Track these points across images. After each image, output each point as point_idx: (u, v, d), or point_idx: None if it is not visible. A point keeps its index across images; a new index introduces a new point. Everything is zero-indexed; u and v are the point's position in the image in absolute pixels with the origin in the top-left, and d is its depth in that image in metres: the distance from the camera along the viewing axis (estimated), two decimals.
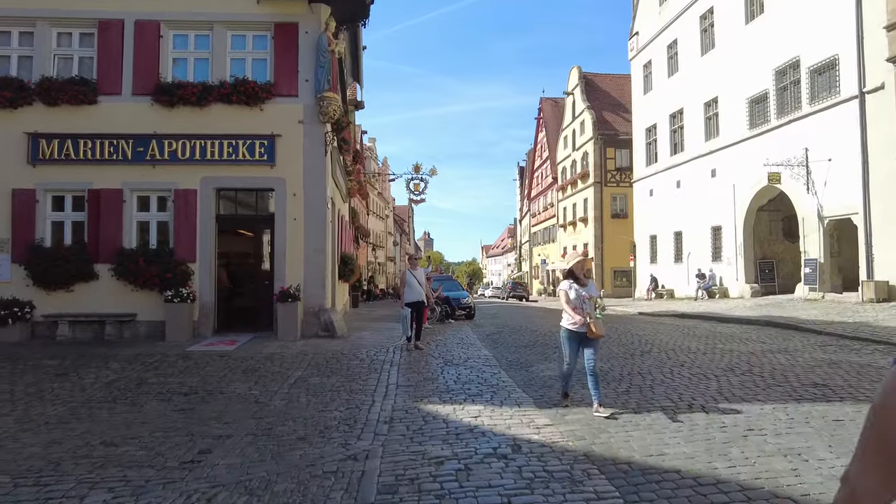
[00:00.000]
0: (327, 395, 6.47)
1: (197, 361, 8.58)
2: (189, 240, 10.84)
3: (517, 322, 15.89)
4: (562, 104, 46.82)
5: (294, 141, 10.93)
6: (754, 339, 10.23)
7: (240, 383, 7.21)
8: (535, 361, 8.38)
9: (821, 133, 17.60)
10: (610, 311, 21.64)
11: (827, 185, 17.49)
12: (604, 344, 9.97)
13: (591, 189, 38.46)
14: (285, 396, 6.49)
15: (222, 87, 10.84)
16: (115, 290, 10.57)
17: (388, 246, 59.85)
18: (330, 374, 7.59)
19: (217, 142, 10.88)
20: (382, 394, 6.42)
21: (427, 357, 8.99)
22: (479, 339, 11.41)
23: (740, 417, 4.99)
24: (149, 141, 10.76)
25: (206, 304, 10.85)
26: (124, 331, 10.59)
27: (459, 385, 6.78)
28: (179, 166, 10.85)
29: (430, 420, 5.29)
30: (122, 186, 10.75)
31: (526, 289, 45.71)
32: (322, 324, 10.65)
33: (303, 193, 10.85)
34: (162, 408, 6.10)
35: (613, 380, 6.80)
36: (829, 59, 17.23)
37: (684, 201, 25.91)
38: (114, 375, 7.63)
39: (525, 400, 5.95)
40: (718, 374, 6.91)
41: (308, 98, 10.99)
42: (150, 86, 10.78)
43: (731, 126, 22.35)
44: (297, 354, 8.93)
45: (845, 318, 12.63)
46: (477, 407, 5.71)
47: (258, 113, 10.98)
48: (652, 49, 29.35)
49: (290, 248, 10.82)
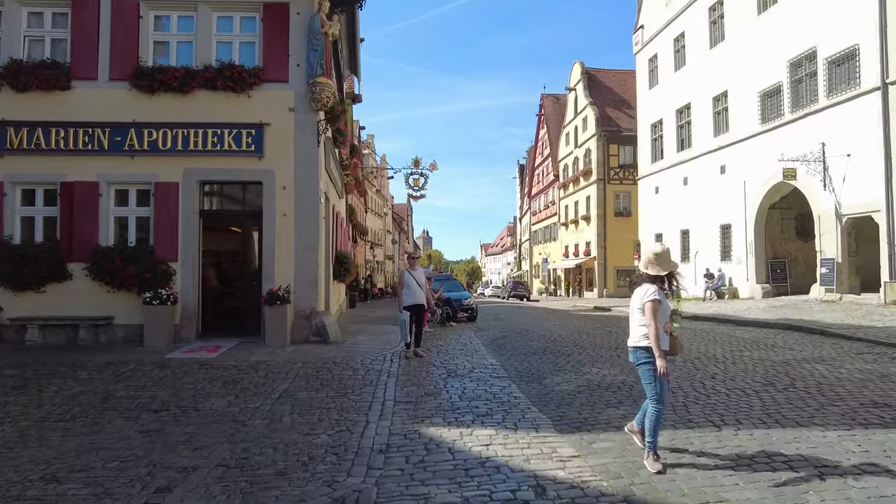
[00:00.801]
0: (315, 413, 5.68)
1: (174, 371, 7.79)
2: (171, 237, 10.03)
3: (522, 325, 15.11)
4: (563, 100, 46.04)
5: (284, 130, 10.12)
6: (781, 346, 9.46)
7: (218, 398, 6.42)
8: (547, 372, 7.59)
9: (839, 127, 16.82)
10: (616, 313, 20.91)
11: (845, 182, 16.72)
12: (620, 353, 9.20)
13: (593, 186, 37.68)
14: (267, 415, 5.70)
15: (207, 71, 10.02)
16: (91, 291, 9.76)
17: (387, 244, 59.05)
18: (320, 386, 6.80)
19: (201, 131, 10.06)
20: (378, 412, 5.63)
21: (428, 366, 8.20)
22: (483, 344, 10.62)
23: (803, 448, 4.20)
24: (127, 130, 9.94)
25: (189, 307, 10.05)
26: (100, 335, 9.78)
27: (465, 402, 5.99)
28: (160, 157, 10.03)
29: (433, 449, 4.50)
30: (97, 179, 9.93)
31: (527, 288, 44.97)
32: (314, 328, 9.85)
33: (293, 187, 10.04)
34: (126, 428, 5.32)
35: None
36: (849, 50, 16.44)
37: (692, 199, 25.13)
38: (78, 388, 6.84)
39: (542, 422, 5.16)
40: (758, 388, 6.13)
41: (299, 84, 10.17)
42: (129, 70, 9.96)
43: (741, 121, 21.56)
44: (285, 363, 8.13)
45: (872, 321, 11.85)
46: (487, 431, 4.92)
47: (245, 100, 10.16)
48: (658, 42, 28.55)
49: (279, 245, 10.02)
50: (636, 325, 4.09)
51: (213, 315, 12.03)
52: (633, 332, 4.15)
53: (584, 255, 38.90)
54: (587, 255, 38.53)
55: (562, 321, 16.39)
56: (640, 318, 4.05)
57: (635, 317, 4.11)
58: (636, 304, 4.12)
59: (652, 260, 4.08)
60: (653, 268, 4.07)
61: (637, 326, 4.08)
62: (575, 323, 15.59)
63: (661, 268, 4.05)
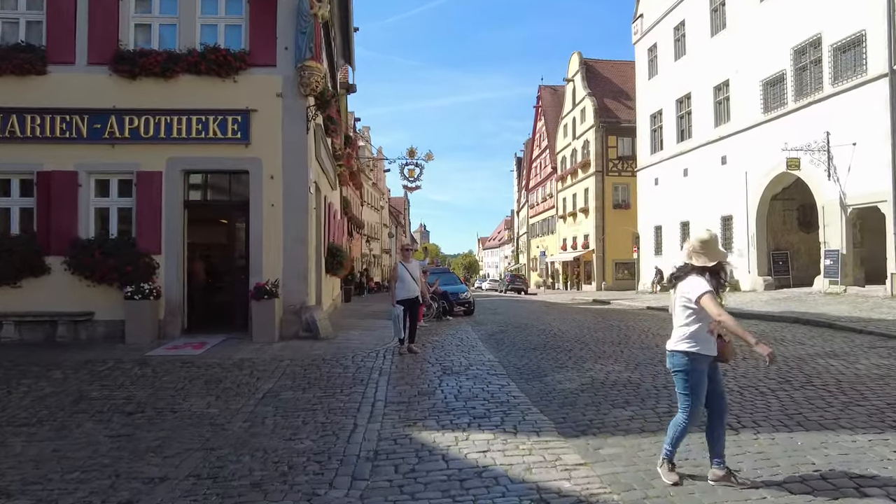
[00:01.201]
0: (300, 415, 5.28)
1: (155, 369, 7.38)
2: (154, 229, 9.60)
3: (520, 319, 14.72)
4: (561, 92, 45.51)
5: (272, 116, 9.67)
6: (790, 340, 9.09)
7: (198, 398, 6.03)
8: (548, 369, 7.20)
9: (844, 115, 16.43)
10: (616, 306, 20.56)
11: (851, 171, 16.34)
12: (623, 349, 8.83)
13: (592, 178, 37.26)
14: (249, 417, 5.31)
15: (190, 55, 9.56)
16: (70, 285, 9.33)
17: (384, 238, 58.56)
18: (307, 386, 6.40)
19: (185, 118, 9.61)
20: (367, 414, 5.23)
21: (422, 363, 7.80)
22: (480, 339, 10.23)
23: (833, 455, 3.82)
24: (107, 117, 9.48)
25: (173, 301, 9.63)
26: (80, 331, 9.36)
27: (461, 402, 5.60)
28: (142, 145, 9.59)
29: (425, 456, 4.11)
30: (76, 168, 9.48)
31: (524, 281, 44.60)
32: (303, 323, 9.45)
33: (281, 175, 9.61)
34: (95, 433, 4.91)
35: (649, 396, 5.62)
36: (855, 36, 16.02)
37: (692, 190, 24.74)
38: (50, 388, 6.42)
39: (544, 424, 4.77)
40: (773, 386, 5.75)
41: (287, 68, 9.72)
42: (108, 54, 9.48)
43: (743, 110, 21.15)
44: (272, 360, 7.73)
45: (881, 314, 11.51)
46: (485, 435, 4.53)
47: (231, 85, 9.71)
48: (657, 31, 28.07)
49: (267, 237, 9.59)
50: (678, 323, 3.50)
51: (202, 310, 11.64)
52: (675, 331, 3.52)
53: (583, 248, 38.54)
54: (585, 247, 38.16)
55: (561, 315, 16.02)
56: (683, 317, 3.45)
57: (677, 313, 3.50)
58: (679, 300, 3.49)
59: (697, 249, 3.47)
60: (698, 258, 3.47)
61: (678, 327, 3.48)
62: (574, 316, 15.22)
63: (707, 258, 3.44)
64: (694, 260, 3.49)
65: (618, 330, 11.25)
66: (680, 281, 3.55)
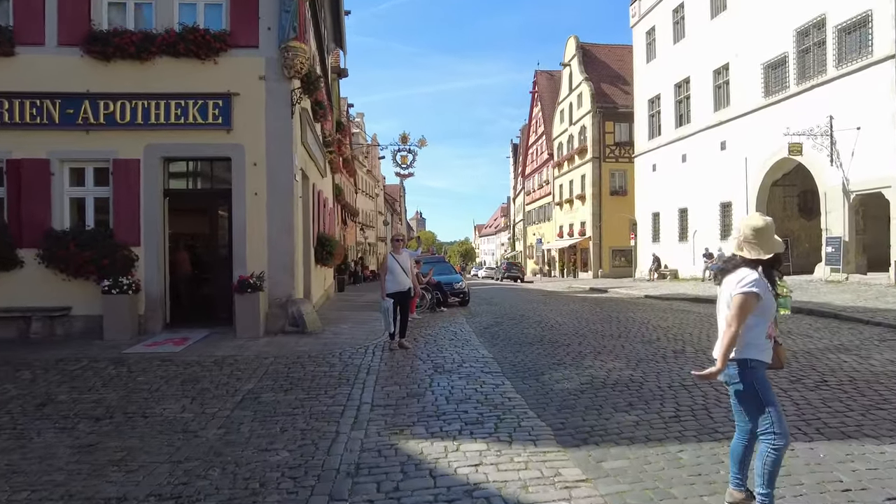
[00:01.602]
0: (278, 421, 4.90)
1: (131, 368, 6.99)
2: (132, 219, 9.15)
3: (517, 309, 14.36)
4: (558, 77, 44.87)
5: (254, 100, 9.19)
6: (797, 332, 8.76)
7: (173, 401, 5.64)
8: (545, 366, 6.83)
9: (848, 99, 16.02)
10: (613, 294, 20.22)
11: (854, 157, 15.97)
12: (624, 343, 8.48)
13: (588, 165, 36.80)
14: (224, 423, 4.93)
15: (168, 35, 9.04)
16: (44, 279, 8.89)
17: (379, 226, 58.07)
18: (289, 386, 6.02)
19: (163, 102, 9.11)
20: (351, 419, 4.86)
21: (413, 360, 7.43)
22: (475, 332, 9.86)
23: (861, 470, 3.46)
24: (80, 101, 8.98)
25: (154, 295, 9.21)
26: (56, 327, 8.94)
27: (453, 405, 5.22)
28: (118, 131, 9.10)
29: (410, 471, 3.74)
30: (48, 156, 9.00)
31: (521, 269, 44.25)
32: (290, 317, 9.05)
33: (265, 163, 9.16)
34: (56, 443, 4.53)
35: (653, 397, 5.25)
36: (861, 16, 15.56)
37: (690, 176, 24.37)
38: (16, 391, 6.03)
39: (542, 432, 4.40)
40: (785, 386, 5.39)
41: (271, 49, 9.22)
42: (80, 34, 8.96)
43: (743, 94, 20.71)
44: (255, 358, 7.34)
45: (887, 304, 11.20)
46: (477, 445, 4.16)
47: (211, 67, 9.21)
48: (656, 14, 27.51)
49: (251, 227, 9.16)
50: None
51: (189, 303, 11.22)
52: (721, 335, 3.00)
53: (579, 235, 38.18)
54: (582, 235, 37.80)
55: (558, 304, 15.67)
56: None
57: (724, 315, 2.93)
58: (726, 296, 2.91)
59: (749, 238, 2.87)
60: (751, 249, 2.86)
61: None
62: (572, 306, 14.87)
63: (762, 249, 2.84)
64: (745, 251, 2.89)
65: (617, 322, 10.89)
66: (728, 275, 2.95)
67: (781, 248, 2.91)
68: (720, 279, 3.02)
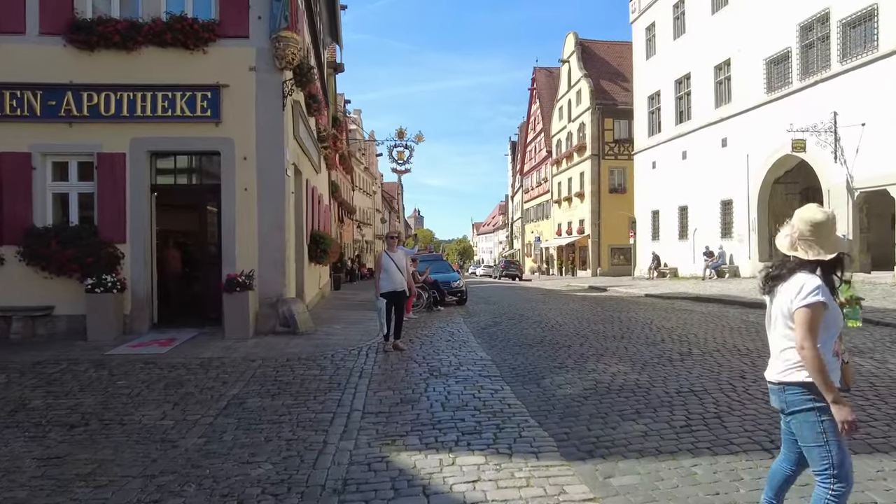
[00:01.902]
0: (263, 429, 4.60)
1: (112, 371, 6.67)
2: (118, 215, 8.82)
3: (515, 308, 14.06)
4: (556, 74, 44.51)
5: (244, 92, 8.87)
6: None
7: (153, 406, 5.34)
8: (546, 370, 6.53)
9: (853, 94, 15.74)
10: (613, 293, 19.93)
11: (859, 153, 15.69)
12: (627, 344, 8.18)
13: (587, 162, 36.50)
14: (206, 431, 4.62)
15: (154, 24, 8.71)
16: (25, 277, 8.56)
17: (376, 223, 57.72)
18: (277, 391, 5.71)
19: (149, 94, 8.78)
20: (340, 428, 4.56)
21: (408, 362, 7.12)
22: (472, 333, 9.55)
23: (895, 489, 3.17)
24: (62, 92, 8.64)
25: (140, 294, 8.89)
26: (38, 327, 8.62)
27: (449, 412, 4.92)
28: (103, 124, 8.77)
29: (402, 488, 3.43)
30: (30, 150, 8.66)
31: (519, 267, 43.96)
32: (281, 317, 8.74)
33: (255, 157, 8.83)
34: (23, 453, 4.22)
35: (661, 404, 4.96)
36: (866, 10, 15.27)
37: (691, 173, 24.08)
38: None
39: (544, 442, 4.11)
40: None
41: (261, 39, 8.90)
42: (62, 23, 8.61)
43: (745, 91, 20.41)
44: (243, 360, 7.03)
45: (895, 304, 10.92)
46: (475, 458, 3.86)
47: (200, 58, 8.88)
48: (656, 9, 27.18)
49: (241, 224, 8.84)
50: (782, 344, 2.44)
51: (179, 301, 10.92)
52: (775, 355, 2.49)
53: (578, 233, 37.89)
54: (581, 233, 37.51)
55: (557, 304, 15.38)
56: (789, 333, 2.39)
57: (779, 330, 2.44)
58: (781, 308, 2.41)
59: (806, 234, 2.39)
60: (809, 248, 2.38)
61: (783, 349, 2.44)
62: (572, 306, 14.58)
63: (822, 248, 2.37)
64: (801, 251, 2.40)
65: (619, 322, 10.60)
66: (781, 282, 2.44)
67: (845, 248, 2.47)
68: (770, 287, 2.51)
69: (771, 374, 2.50)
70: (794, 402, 2.39)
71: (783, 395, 2.45)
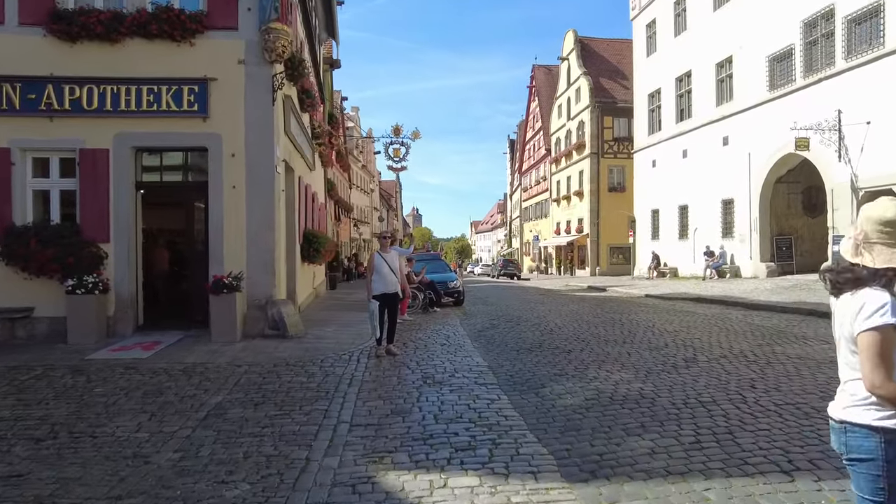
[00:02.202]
0: (243, 443, 4.29)
1: (90, 377, 6.37)
2: (101, 214, 8.50)
3: (513, 310, 13.76)
4: (555, 72, 44.17)
5: (233, 86, 8.55)
6: (812, 338, 8.21)
7: (129, 416, 5.03)
8: (545, 377, 6.22)
9: (858, 92, 15.44)
10: (612, 293, 19.65)
11: (864, 152, 15.39)
12: (629, 349, 7.88)
13: (587, 161, 36.18)
14: (182, 444, 4.32)
15: (139, 14, 8.38)
16: (4, 278, 8.24)
17: (374, 222, 57.37)
18: (261, 400, 5.41)
19: (134, 87, 8.46)
20: (325, 443, 4.25)
21: (401, 368, 6.82)
22: (469, 336, 9.25)
23: None
24: (43, 85, 8.31)
25: (124, 295, 8.57)
26: (17, 330, 8.30)
27: (442, 425, 4.61)
28: (85, 119, 8.45)
29: None
30: (8, 145, 8.34)
31: (517, 266, 43.67)
32: (270, 320, 8.43)
33: (244, 153, 8.51)
34: None
35: (668, 417, 4.65)
36: (872, 6, 14.96)
37: (691, 172, 23.78)
38: None
39: (543, 461, 3.80)
40: (817, 405, 4.81)
41: (251, 31, 8.57)
42: (43, 12, 8.28)
43: (747, 88, 20.11)
44: (228, 366, 6.72)
45: None
46: (468, 480, 3.55)
47: (187, 50, 8.55)
48: (657, 6, 26.86)
49: (229, 223, 8.52)
50: (846, 374, 1.95)
51: (167, 301, 10.64)
52: (841, 386, 1.99)
53: (577, 232, 37.59)
54: (579, 231, 37.22)
55: (556, 305, 15.08)
56: (852, 361, 1.90)
57: (843, 356, 1.95)
58: (843, 328, 1.91)
59: (874, 236, 1.88)
60: (880, 253, 1.86)
61: (846, 380, 1.95)
62: (571, 307, 14.28)
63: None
64: (866, 257, 1.88)
65: (619, 325, 10.30)
66: (841, 293, 1.94)
67: None
68: (837, 292, 1.98)
69: (834, 409, 2.01)
70: (856, 447, 1.92)
71: (843, 436, 1.96)
